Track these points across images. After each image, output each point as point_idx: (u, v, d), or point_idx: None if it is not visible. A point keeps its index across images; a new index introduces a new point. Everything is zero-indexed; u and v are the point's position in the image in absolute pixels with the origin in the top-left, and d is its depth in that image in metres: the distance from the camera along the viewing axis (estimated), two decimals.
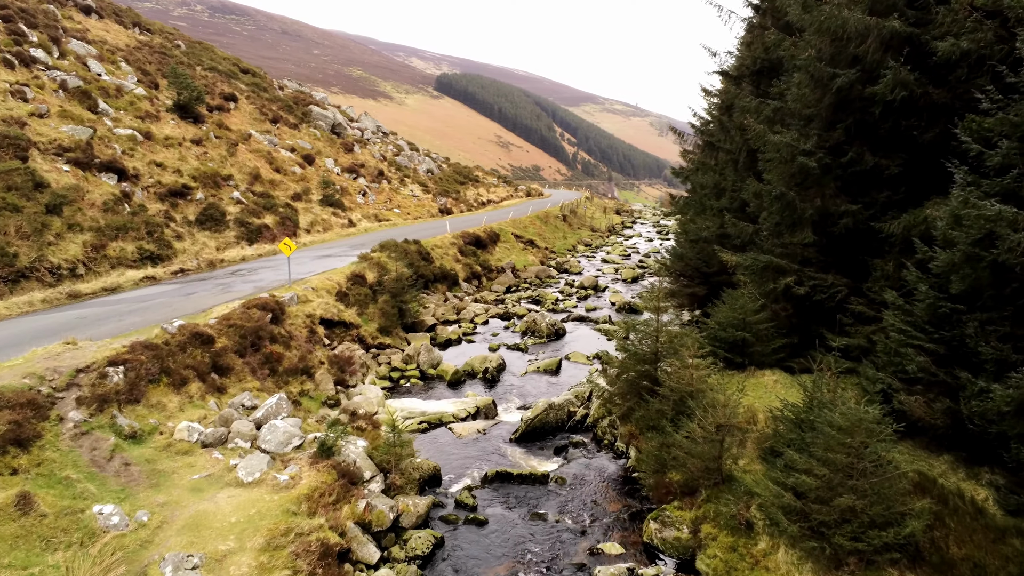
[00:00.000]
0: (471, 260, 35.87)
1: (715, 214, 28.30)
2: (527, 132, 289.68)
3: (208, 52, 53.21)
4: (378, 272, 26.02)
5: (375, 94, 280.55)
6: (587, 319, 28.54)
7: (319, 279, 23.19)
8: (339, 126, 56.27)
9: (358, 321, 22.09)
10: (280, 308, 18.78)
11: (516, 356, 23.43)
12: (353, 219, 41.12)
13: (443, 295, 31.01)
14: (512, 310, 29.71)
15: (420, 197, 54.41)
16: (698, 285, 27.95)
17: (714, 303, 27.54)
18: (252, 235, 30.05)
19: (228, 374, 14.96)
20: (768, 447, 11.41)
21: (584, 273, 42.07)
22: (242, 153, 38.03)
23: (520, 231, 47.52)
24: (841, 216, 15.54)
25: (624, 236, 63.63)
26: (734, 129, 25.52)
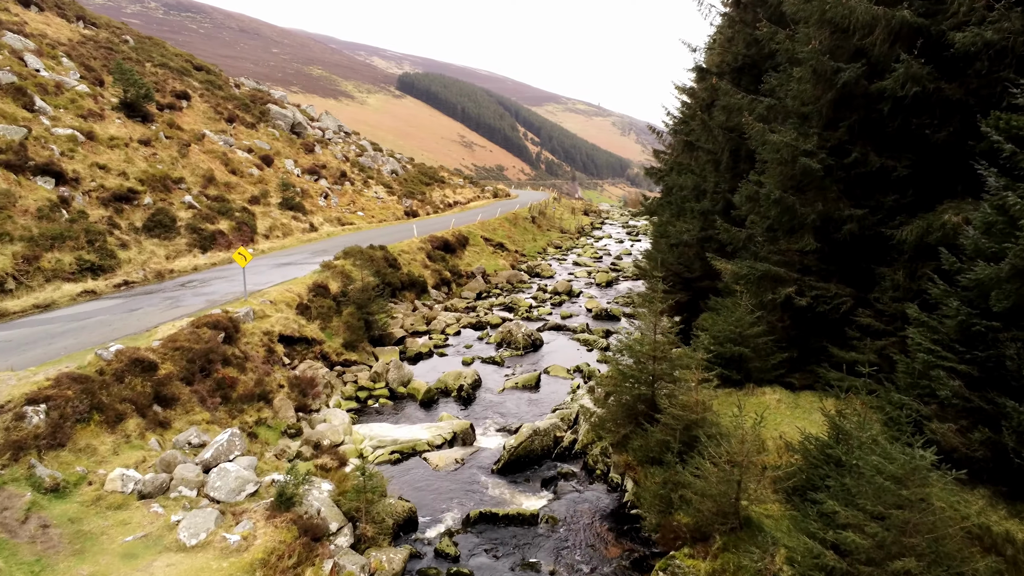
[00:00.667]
0: (440, 266, 34.28)
1: (695, 217, 27.24)
2: (490, 132, 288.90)
3: (159, 48, 50.61)
4: (342, 281, 24.32)
5: (336, 93, 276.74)
6: (564, 328, 27.21)
7: (278, 291, 21.42)
8: (299, 126, 54.10)
9: (321, 337, 20.39)
10: (234, 326, 17.02)
11: (492, 370, 21.96)
12: (315, 223, 39.18)
13: (412, 304, 29.38)
14: (485, 318, 28.23)
15: (385, 199, 52.56)
16: (680, 291, 26.81)
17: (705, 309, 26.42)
18: (205, 242, 28.04)
19: (173, 405, 13.22)
20: (791, 487, 10.13)
21: (556, 277, 40.78)
22: (195, 154, 35.85)
23: (489, 234, 46.04)
24: (845, 221, 14.43)
25: (594, 237, 62.57)
26: (717, 128, 24.44)
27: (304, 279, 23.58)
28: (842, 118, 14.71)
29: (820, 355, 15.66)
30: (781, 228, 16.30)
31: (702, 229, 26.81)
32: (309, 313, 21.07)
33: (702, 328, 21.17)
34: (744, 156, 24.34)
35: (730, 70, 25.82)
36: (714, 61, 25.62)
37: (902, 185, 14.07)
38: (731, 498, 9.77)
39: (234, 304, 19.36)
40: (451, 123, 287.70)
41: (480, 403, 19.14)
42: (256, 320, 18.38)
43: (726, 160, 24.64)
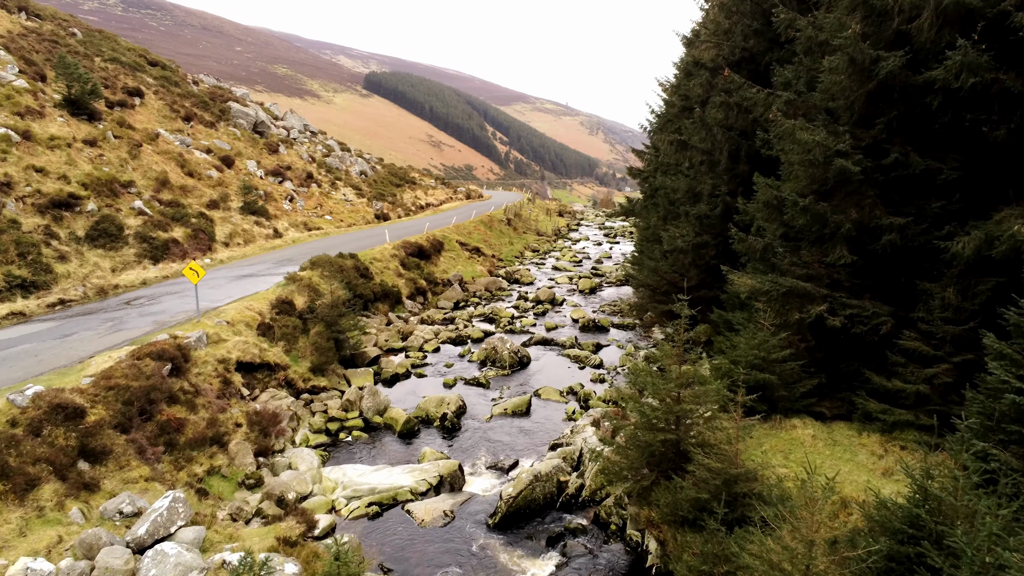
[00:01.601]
0: (415, 273, 32.10)
1: (690, 222, 25.53)
2: (459, 131, 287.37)
3: (110, 41, 47.49)
4: (309, 296, 22.07)
5: (302, 92, 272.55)
6: (552, 342, 25.25)
7: (237, 308, 19.11)
8: (262, 125, 51.38)
9: (285, 361, 18.14)
10: (183, 354, 14.74)
11: (477, 394, 19.91)
12: (279, 228, 36.69)
13: (385, 317, 27.18)
14: (465, 332, 26.17)
15: (354, 202, 50.11)
16: (673, 302, 25.05)
17: (705, 321, 24.65)
18: (157, 252, 25.52)
19: (104, 460, 10.96)
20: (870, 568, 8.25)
21: (537, 283, 38.84)
22: (148, 155, 33.17)
23: (465, 238, 43.93)
24: (884, 231, 12.67)
25: (571, 240, 60.79)
26: (715, 127, 22.70)
27: (266, 294, 21.29)
28: (878, 114, 12.97)
29: (853, 380, 13.95)
30: (807, 237, 14.55)
31: (697, 234, 25.10)
32: (272, 334, 18.80)
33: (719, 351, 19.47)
34: (744, 156, 22.67)
35: (727, 64, 24.09)
36: (709, 55, 23.85)
37: (948, 190, 12.35)
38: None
39: (185, 326, 17.04)
40: (419, 123, 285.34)
41: (467, 434, 17.10)
42: (210, 346, 16.09)
43: (724, 161, 22.92)
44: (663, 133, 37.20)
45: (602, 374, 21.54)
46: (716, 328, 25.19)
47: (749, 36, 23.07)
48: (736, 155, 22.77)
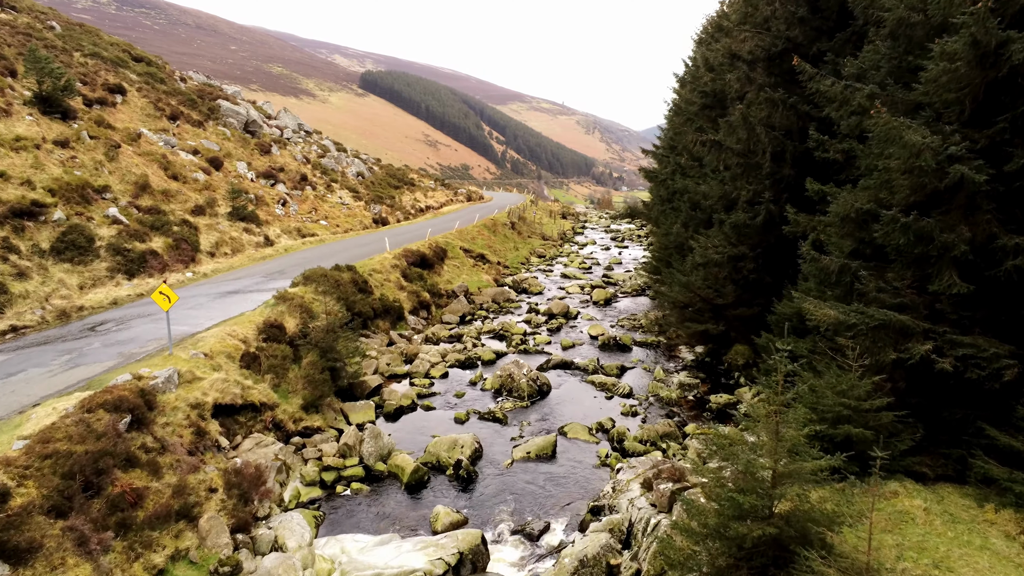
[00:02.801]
0: (417, 285, 29.58)
1: (727, 231, 23.13)
2: (455, 131, 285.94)
3: (91, 36, 44.83)
4: (301, 317, 19.55)
5: (297, 92, 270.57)
6: (572, 365, 22.74)
7: (218, 335, 16.58)
8: (253, 124, 48.78)
9: (273, 399, 15.61)
10: (147, 401, 12.21)
11: (493, 431, 17.41)
12: (270, 235, 34.12)
13: (386, 335, 24.67)
14: (475, 352, 23.69)
15: (351, 205, 47.53)
16: (710, 320, 22.59)
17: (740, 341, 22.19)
18: (132, 266, 22.95)
19: (29, 560, 8.43)
20: None
21: (547, 293, 36.35)
22: (127, 157, 30.57)
23: (468, 244, 41.42)
24: (1007, 253, 10.24)
25: (577, 244, 58.28)
26: (759, 126, 20.26)
27: (253, 316, 18.75)
28: (999, 110, 10.53)
29: (959, 433, 11.53)
30: (901, 259, 12.08)
31: (732, 245, 22.67)
32: (258, 366, 16.27)
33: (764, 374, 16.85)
34: (790, 159, 20.27)
35: (765, 56, 21.72)
36: (747, 47, 21.38)
37: None
38: None
39: (155, 360, 14.50)
40: (415, 122, 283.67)
41: (484, 483, 14.61)
42: (182, 387, 13.56)
43: (768, 164, 20.47)
44: (684, 133, 34.76)
45: (633, 406, 19.06)
46: (756, 350, 22.75)
47: (793, 24, 20.63)
48: (780, 157, 20.36)
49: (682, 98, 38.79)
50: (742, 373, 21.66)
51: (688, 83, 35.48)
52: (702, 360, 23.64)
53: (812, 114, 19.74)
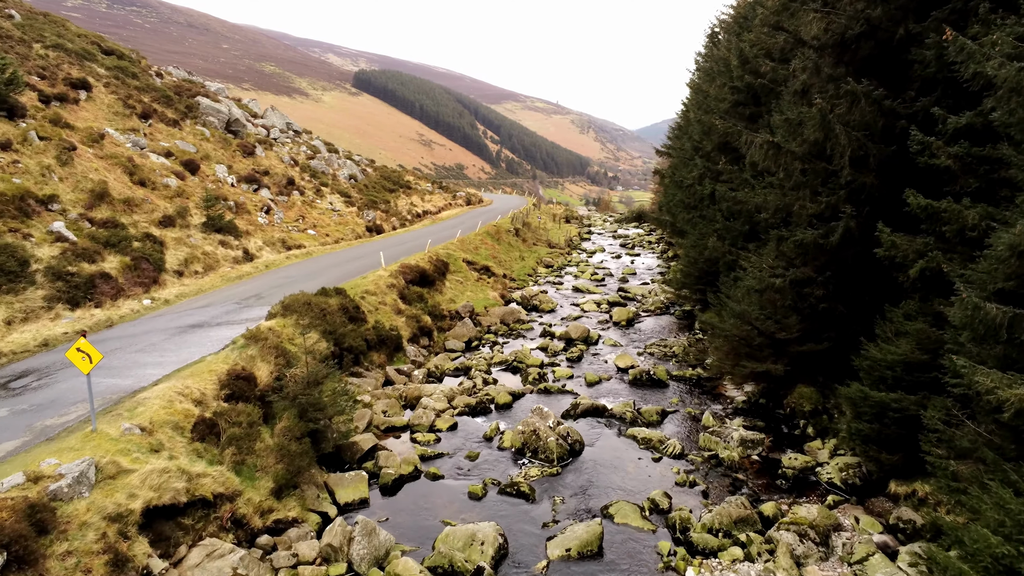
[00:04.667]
0: (417, 308, 25.82)
1: (783, 250, 19.53)
2: (449, 130, 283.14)
3: (56, 26, 40.84)
4: (276, 362, 15.81)
5: (290, 91, 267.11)
6: (604, 412, 19.00)
7: (164, 395, 12.82)
8: (236, 123, 44.92)
9: (234, 484, 11.84)
10: (40, 523, 8.47)
11: (519, 513, 13.68)
12: (250, 249, 30.31)
13: (382, 372, 20.92)
14: (487, 393, 20.00)
15: (342, 211, 43.71)
16: (770, 359, 18.92)
17: (807, 383, 18.70)
18: (77, 294, 19.17)
19: None
20: None
21: (559, 310, 32.63)
22: (85, 160, 26.75)
23: (471, 255, 37.67)
24: None
25: (586, 252, 54.48)
26: (838, 125, 16.63)
27: (215, 362, 15.00)
28: None
29: None
30: None
31: (792, 266, 19.05)
32: (215, 437, 12.52)
33: (850, 437, 13.65)
34: (876, 166, 16.65)
35: (834, 42, 18.15)
36: (815, 29, 17.71)
37: None
38: None
39: (73, 440, 10.75)
40: (409, 121, 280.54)
41: None
42: (101, 487, 9.80)
43: (847, 171, 16.81)
44: (713, 133, 31.09)
45: (690, 472, 15.38)
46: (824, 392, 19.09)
47: (875, 2, 16.97)
48: (862, 163, 16.70)
49: (700, 94, 35.16)
50: (810, 422, 18.01)
51: (716, 77, 31.80)
52: (755, 402, 19.99)
53: (898, 110, 16.18)
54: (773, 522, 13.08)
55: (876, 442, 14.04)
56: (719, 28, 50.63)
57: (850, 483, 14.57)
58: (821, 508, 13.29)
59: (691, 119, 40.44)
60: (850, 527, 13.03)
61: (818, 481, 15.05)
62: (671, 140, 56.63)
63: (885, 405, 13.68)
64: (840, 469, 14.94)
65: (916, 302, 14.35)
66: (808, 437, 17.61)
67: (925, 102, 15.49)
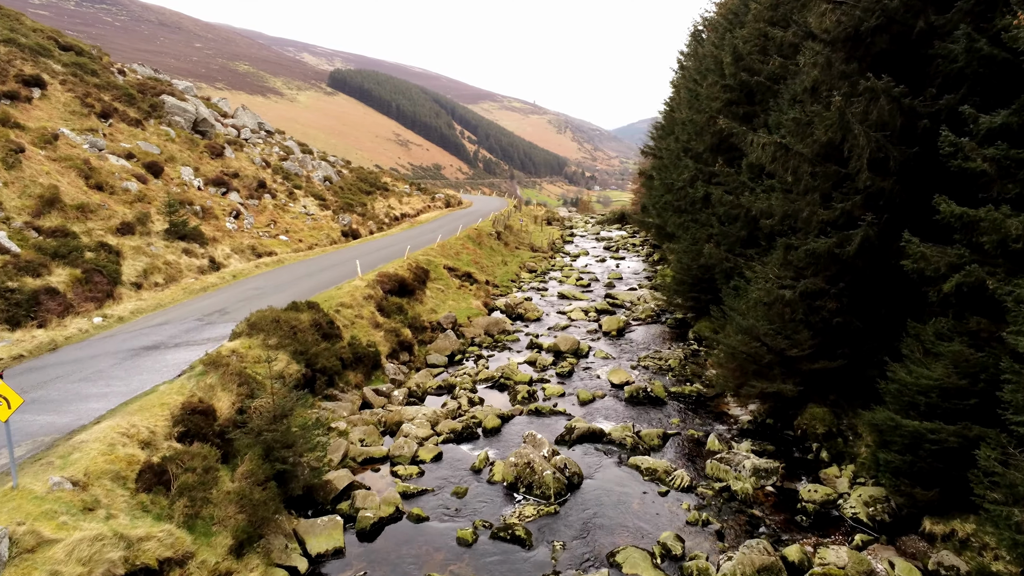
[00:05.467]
0: (396, 321, 24.14)
1: (791, 259, 18.23)
2: (426, 130, 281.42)
3: (9, 20, 38.49)
4: (240, 390, 14.11)
5: (264, 90, 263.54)
6: (602, 436, 17.48)
7: (106, 437, 11.09)
8: (204, 123, 42.85)
9: (185, 545, 10.12)
10: None
11: (516, 562, 12.10)
12: (217, 257, 28.43)
13: (359, 393, 19.25)
14: (473, 415, 18.44)
15: (316, 215, 41.83)
16: (781, 378, 17.56)
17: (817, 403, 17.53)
18: (17, 312, 17.28)
19: None
20: None
21: (545, 319, 31.13)
22: (35, 163, 24.76)
23: (453, 261, 36.03)
24: None
25: (569, 255, 53.00)
26: (856, 125, 15.38)
27: (169, 393, 13.26)
28: None
29: None
30: None
31: (801, 276, 17.75)
32: (165, 484, 10.82)
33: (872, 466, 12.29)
34: (897, 169, 15.39)
35: (846, 36, 16.91)
36: (827, 22, 16.42)
37: None
38: None
39: None
40: (386, 121, 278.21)
41: None
42: (12, 566, 8.09)
43: (865, 175, 15.50)
44: (704, 133, 29.78)
45: (701, 509, 13.93)
46: (837, 413, 17.76)
47: None
48: (881, 166, 15.41)
49: (689, 93, 33.80)
50: (823, 445, 16.67)
51: (708, 75, 30.46)
52: (762, 422, 18.63)
53: (919, 109, 14.92)
54: (800, 571, 11.66)
55: (909, 475, 12.69)
56: (703, 26, 49.51)
57: (878, 519, 13.21)
58: (851, 552, 11.92)
59: (677, 119, 39.22)
60: (884, 573, 11.67)
61: (841, 516, 13.69)
62: (654, 140, 55.42)
63: (919, 435, 12.34)
64: (866, 503, 13.58)
65: (949, 320, 13.02)
66: (822, 462, 16.29)
67: (949, 100, 14.25)
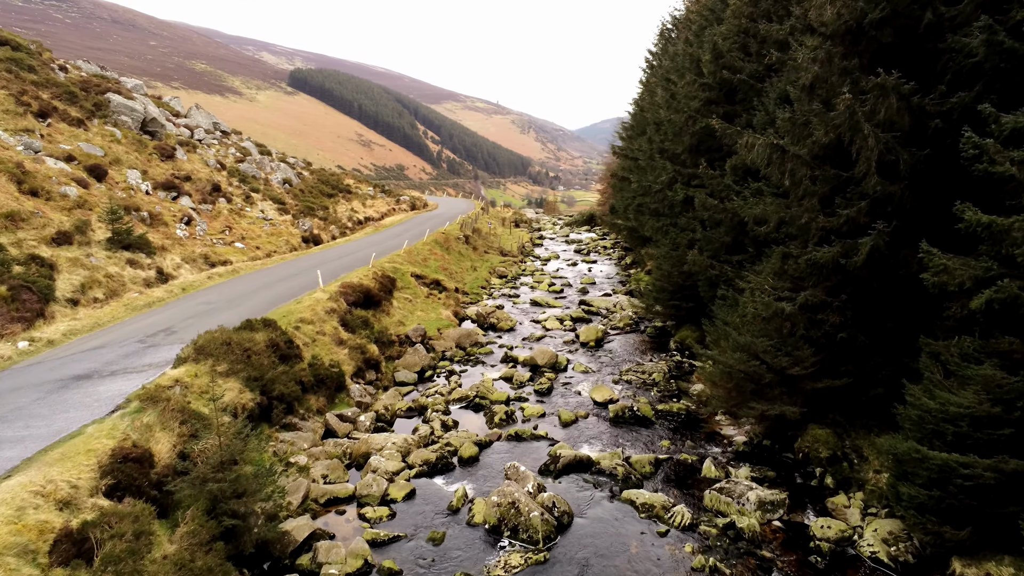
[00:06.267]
0: (361, 337, 22.37)
1: (789, 269, 17.06)
2: (389, 130, 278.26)
3: None
4: (182, 429, 12.31)
5: (223, 90, 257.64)
6: (590, 465, 15.98)
7: (13, 499, 9.24)
8: (153, 123, 40.40)
9: None
10: None
11: None
12: (166, 268, 26.31)
13: (320, 421, 17.50)
14: (448, 442, 16.86)
15: (275, 220, 39.69)
16: (782, 398, 16.33)
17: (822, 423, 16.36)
18: None
19: None
20: None
21: (519, 329, 29.61)
22: None
23: (420, 267, 34.32)
24: None
25: (539, 259, 51.53)
26: (866, 126, 14.19)
27: (96, 436, 11.41)
28: None
29: None
30: None
31: (798, 288, 16.56)
32: (87, 555, 9.05)
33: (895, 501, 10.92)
34: (907, 173, 14.27)
35: (847, 29, 15.83)
36: (829, 14, 15.23)
37: None
38: None
39: None
40: (348, 121, 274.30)
41: None
42: None
43: (873, 179, 14.32)
44: (683, 134, 28.56)
45: (706, 551, 12.55)
46: (839, 434, 16.59)
47: None
48: (891, 170, 14.25)
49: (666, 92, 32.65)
50: (828, 470, 15.45)
51: (686, 73, 29.23)
52: (758, 443, 17.39)
53: (928, 108, 13.82)
54: None
55: (936, 512, 11.47)
56: (672, 25, 48.51)
57: (901, 560, 11.99)
58: None
59: (650, 119, 38.14)
60: None
61: (859, 555, 12.43)
62: (623, 140, 54.34)
63: (948, 469, 11.12)
64: (885, 540, 12.35)
65: (975, 340, 11.82)
66: (828, 489, 15.09)
67: (963, 98, 13.14)
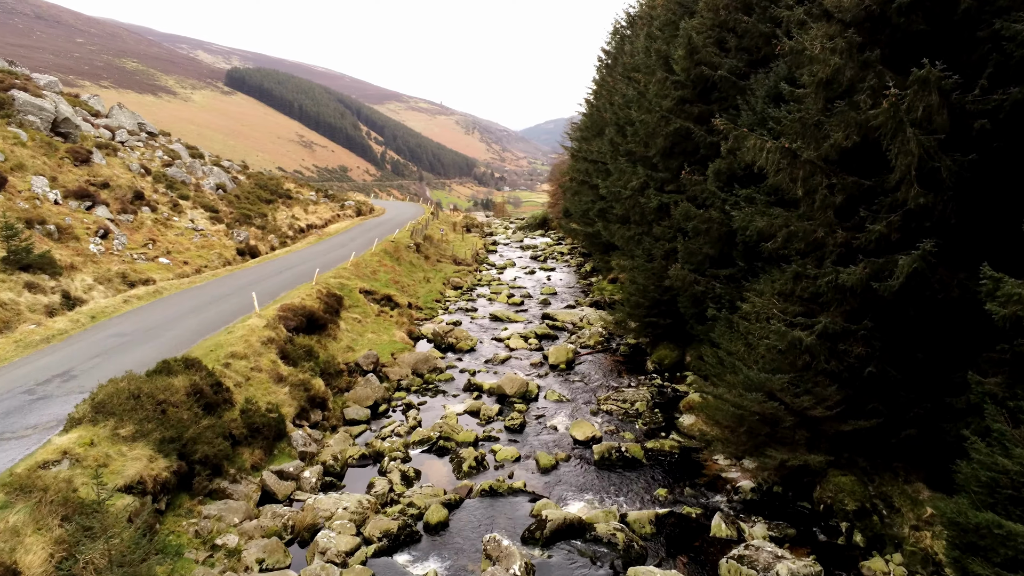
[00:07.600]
0: (305, 370, 19.38)
1: (797, 291, 14.97)
2: (331, 131, 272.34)
3: None
4: (61, 531, 9.31)
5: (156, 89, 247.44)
6: (582, 530, 13.48)
7: None
8: (66, 123, 36.30)
9: None
10: None
11: None
12: (74, 290, 22.76)
13: (256, 478, 14.53)
14: (411, 503, 14.14)
15: (206, 231, 36.07)
16: (804, 445, 14.07)
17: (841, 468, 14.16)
18: None
19: None
20: None
21: (481, 348, 26.97)
22: None
23: (369, 282, 31.32)
24: None
25: (496, 267, 48.96)
26: (909, 128, 12.02)
27: None
28: None
29: None
30: None
31: (811, 312, 14.46)
32: None
33: None
34: (953, 183, 12.18)
35: (867, 16, 13.83)
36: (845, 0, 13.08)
37: None
38: None
39: None
40: (288, 122, 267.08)
41: None
42: None
43: (913, 190, 12.16)
44: (656, 135, 26.38)
45: None
46: (864, 482, 14.48)
47: None
48: (932, 179, 12.13)
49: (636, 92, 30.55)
50: (856, 526, 13.33)
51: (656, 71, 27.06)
52: (768, 490, 15.19)
53: (969, 107, 11.76)
54: None
55: None
56: (627, 22, 46.61)
57: None
58: None
59: (609, 119, 36.14)
60: None
61: None
62: (576, 142, 52.29)
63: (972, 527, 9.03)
64: None
65: None
66: (858, 548, 12.97)
67: (1015, 94, 11.10)
